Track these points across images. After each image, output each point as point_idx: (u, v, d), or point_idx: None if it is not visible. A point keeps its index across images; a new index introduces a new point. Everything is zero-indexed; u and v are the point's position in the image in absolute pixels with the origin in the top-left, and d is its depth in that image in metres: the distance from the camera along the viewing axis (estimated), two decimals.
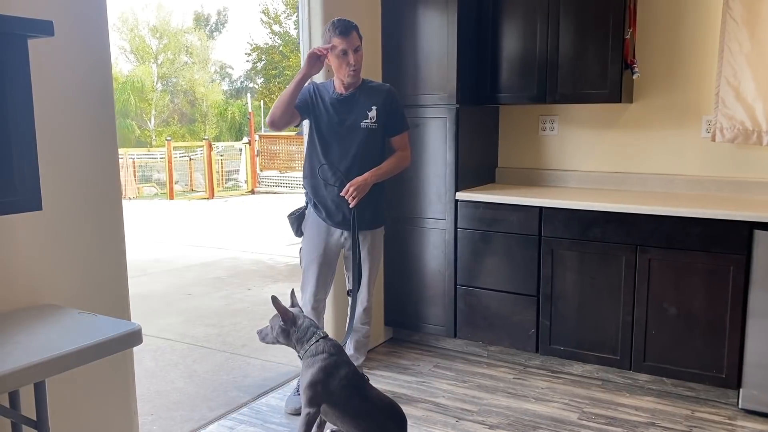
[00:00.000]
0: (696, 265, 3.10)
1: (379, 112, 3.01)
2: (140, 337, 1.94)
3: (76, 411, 2.32)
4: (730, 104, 3.39)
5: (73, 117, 2.21)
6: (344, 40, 2.89)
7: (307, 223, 3.15)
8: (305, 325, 2.61)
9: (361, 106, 3.01)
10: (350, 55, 2.91)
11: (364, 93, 3.03)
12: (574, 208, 3.36)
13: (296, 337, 2.59)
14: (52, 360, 1.69)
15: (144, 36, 29.52)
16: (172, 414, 3.19)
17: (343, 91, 3.02)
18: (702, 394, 3.25)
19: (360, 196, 2.98)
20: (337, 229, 3.08)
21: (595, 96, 3.52)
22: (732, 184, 3.49)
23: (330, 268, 3.17)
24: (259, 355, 3.96)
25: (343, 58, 2.91)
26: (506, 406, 3.20)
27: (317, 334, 2.58)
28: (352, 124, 3.00)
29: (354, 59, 2.92)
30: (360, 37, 2.96)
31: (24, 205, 1.78)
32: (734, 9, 3.31)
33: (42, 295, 2.17)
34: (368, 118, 3.00)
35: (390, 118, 3.06)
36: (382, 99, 3.04)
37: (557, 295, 3.46)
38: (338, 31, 2.89)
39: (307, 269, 3.15)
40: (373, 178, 3.00)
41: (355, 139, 3.00)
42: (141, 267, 6.94)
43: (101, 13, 2.26)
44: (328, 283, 3.20)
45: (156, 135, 27.02)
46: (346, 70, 2.93)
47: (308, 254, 3.13)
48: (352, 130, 3.00)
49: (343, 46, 2.90)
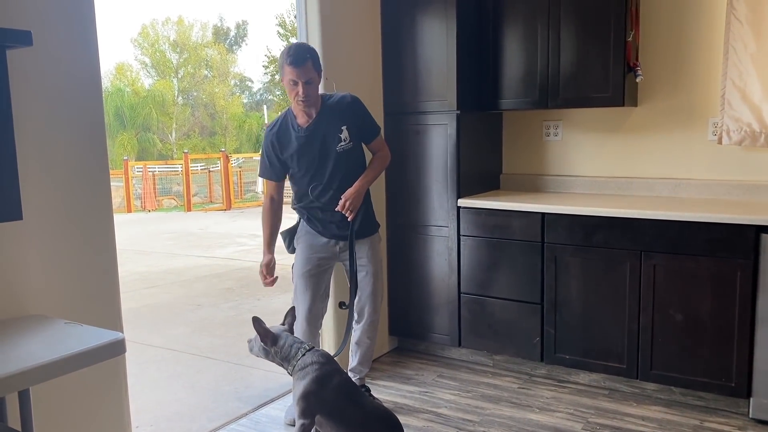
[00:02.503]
0: (702, 270, 3.02)
1: (350, 130, 2.93)
2: (123, 347, 1.92)
3: (68, 423, 2.30)
4: (736, 106, 3.31)
5: (62, 127, 2.21)
6: (295, 70, 2.74)
7: (300, 239, 3.11)
8: (288, 343, 2.57)
9: (331, 131, 2.91)
10: (300, 86, 2.77)
11: (327, 115, 2.92)
12: (576, 214, 3.30)
13: (280, 356, 2.57)
14: (32, 369, 1.68)
15: (165, 51, 29.95)
16: (171, 425, 3.18)
17: (306, 120, 2.91)
18: (711, 403, 3.16)
19: (357, 208, 2.95)
20: (332, 240, 3.05)
21: (597, 100, 3.47)
22: (740, 187, 3.41)
23: (323, 281, 3.12)
24: (262, 366, 3.93)
25: (292, 88, 2.79)
26: (509, 417, 3.14)
27: (302, 348, 2.55)
28: (327, 152, 2.92)
29: (303, 91, 2.77)
30: (317, 69, 2.82)
31: (3, 215, 1.78)
32: (738, 9, 3.24)
33: (31, 306, 2.16)
34: (342, 140, 2.92)
35: (361, 128, 2.99)
36: (348, 114, 2.94)
37: (561, 303, 3.40)
38: (290, 59, 2.74)
39: (298, 284, 3.09)
40: (364, 187, 2.97)
41: (336, 165, 2.93)
42: (151, 279, 7.00)
43: (89, 22, 2.26)
44: (324, 297, 3.15)
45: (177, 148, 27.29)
46: (295, 99, 2.81)
47: (301, 268, 3.07)
48: (329, 158, 2.92)
49: (292, 77, 2.76)
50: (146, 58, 29.95)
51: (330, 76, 3.40)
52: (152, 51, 29.83)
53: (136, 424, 2.97)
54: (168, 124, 28.21)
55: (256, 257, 8.09)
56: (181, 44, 29.85)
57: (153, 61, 29.87)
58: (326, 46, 3.39)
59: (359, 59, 3.67)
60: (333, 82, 3.39)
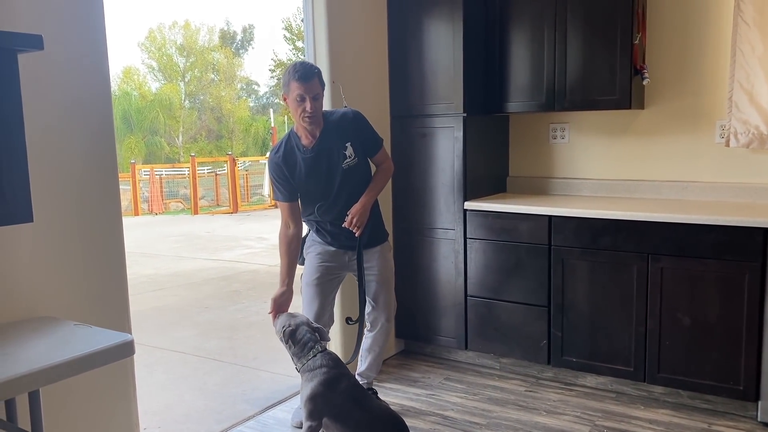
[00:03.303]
0: (710, 273, 3.01)
1: (354, 146, 2.93)
2: (132, 348, 1.93)
3: (77, 424, 2.32)
4: (743, 108, 3.30)
5: (72, 131, 2.23)
6: (303, 85, 2.77)
7: (309, 249, 3.10)
8: (304, 339, 2.59)
9: (336, 148, 2.91)
10: (308, 101, 2.78)
11: (330, 133, 2.92)
12: (583, 217, 3.30)
13: (292, 351, 2.58)
14: (41, 370, 1.69)
15: (171, 54, 30.10)
16: (179, 427, 3.19)
17: (310, 140, 2.91)
18: (719, 406, 3.15)
19: (363, 224, 2.95)
20: (341, 249, 3.04)
21: (604, 102, 3.46)
22: (747, 190, 3.40)
23: (331, 291, 3.11)
24: (270, 368, 3.95)
25: (299, 104, 2.79)
26: (516, 419, 3.13)
27: (315, 349, 2.56)
28: (334, 171, 2.92)
29: (311, 106, 2.79)
30: (322, 84, 2.86)
31: (15, 217, 1.79)
32: (745, 11, 3.24)
33: (41, 308, 2.18)
34: (347, 157, 2.92)
35: (365, 142, 3.00)
36: (351, 130, 2.94)
37: (568, 306, 3.39)
38: (298, 75, 2.77)
39: (306, 292, 3.07)
40: (369, 202, 2.97)
41: (343, 182, 2.93)
42: (159, 281, 7.02)
43: (99, 25, 2.28)
44: (328, 309, 3.11)
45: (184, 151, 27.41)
46: (302, 115, 2.81)
47: (309, 276, 3.06)
48: (336, 176, 2.92)
49: (301, 92, 2.77)
50: (153, 61, 30.11)
51: (337, 79, 3.41)
52: (159, 55, 29.98)
53: (144, 426, 2.98)
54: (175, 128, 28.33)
55: (263, 260, 8.11)
56: (187, 48, 29.99)
57: (160, 64, 30.02)
58: (333, 50, 3.41)
59: (366, 62, 3.68)
60: (340, 85, 3.40)
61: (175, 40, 30.12)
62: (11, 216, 1.79)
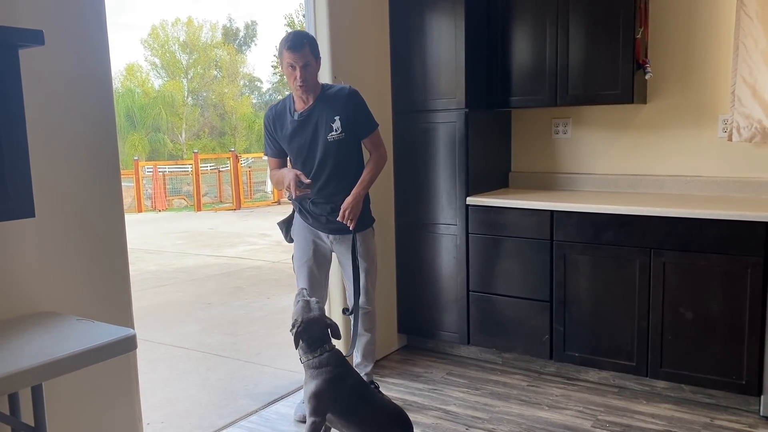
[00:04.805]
0: (712, 268, 3.01)
1: (343, 121, 2.95)
2: (134, 343, 1.94)
3: (80, 419, 2.33)
4: (746, 102, 3.30)
5: (74, 127, 2.23)
6: (293, 54, 2.84)
7: (295, 229, 3.17)
8: (313, 338, 2.58)
9: (324, 120, 2.95)
10: (298, 70, 2.85)
11: (323, 104, 2.96)
12: (585, 212, 3.29)
13: (301, 346, 2.57)
14: (44, 365, 1.70)
15: (174, 51, 30.07)
16: (182, 422, 3.20)
17: (303, 106, 2.97)
18: (722, 401, 3.15)
19: (356, 216, 2.98)
20: (324, 233, 3.09)
21: (606, 97, 3.46)
22: (750, 184, 3.39)
23: (321, 271, 3.18)
24: (272, 363, 3.96)
25: (291, 72, 2.87)
26: (518, 414, 3.14)
27: (323, 348, 2.56)
28: (318, 141, 2.96)
29: (301, 74, 2.85)
30: (315, 54, 2.90)
31: (17, 212, 1.80)
32: (748, 5, 3.23)
33: (43, 303, 2.19)
34: (333, 130, 2.94)
35: (357, 121, 3.01)
36: (342, 105, 2.97)
37: (571, 301, 3.39)
38: (288, 44, 2.84)
39: (299, 274, 3.16)
40: (362, 193, 3.00)
41: (326, 155, 2.96)
42: (162, 277, 7.03)
43: (101, 20, 2.29)
44: (322, 287, 3.20)
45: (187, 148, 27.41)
46: (294, 84, 2.89)
47: (299, 259, 3.16)
48: (318, 145, 2.96)
49: (291, 61, 2.85)
50: (156, 58, 30.10)
51: (339, 74, 3.41)
52: (162, 52, 29.97)
53: (147, 421, 2.99)
54: (178, 125, 28.34)
55: (265, 256, 8.12)
56: (190, 45, 29.97)
57: (163, 61, 30.01)
58: (335, 45, 3.41)
59: (368, 58, 3.68)
60: (342, 80, 3.40)
61: (178, 37, 30.11)
62: (13, 211, 1.80)
